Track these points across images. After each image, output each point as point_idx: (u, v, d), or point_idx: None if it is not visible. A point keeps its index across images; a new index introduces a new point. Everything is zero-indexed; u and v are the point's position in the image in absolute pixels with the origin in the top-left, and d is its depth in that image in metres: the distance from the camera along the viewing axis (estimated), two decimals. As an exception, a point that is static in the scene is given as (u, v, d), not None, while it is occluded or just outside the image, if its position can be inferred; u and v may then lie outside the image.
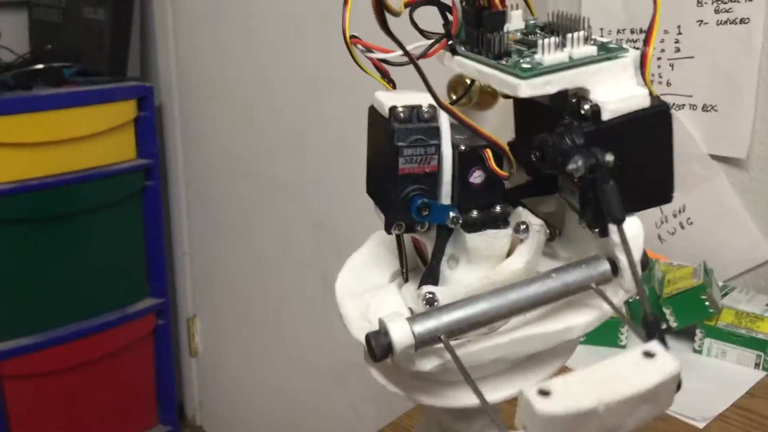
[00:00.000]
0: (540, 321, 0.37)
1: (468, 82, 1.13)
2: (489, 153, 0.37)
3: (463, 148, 0.37)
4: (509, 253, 0.39)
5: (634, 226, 0.35)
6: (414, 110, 0.36)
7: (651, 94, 0.34)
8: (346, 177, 1.30)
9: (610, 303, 0.35)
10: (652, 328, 0.31)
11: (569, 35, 0.35)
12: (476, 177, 0.37)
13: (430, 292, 0.37)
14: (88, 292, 1.52)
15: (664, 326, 0.76)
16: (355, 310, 0.39)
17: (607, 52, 0.35)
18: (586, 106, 0.34)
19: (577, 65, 0.35)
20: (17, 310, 1.42)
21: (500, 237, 0.38)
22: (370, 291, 0.40)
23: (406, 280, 0.41)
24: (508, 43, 0.36)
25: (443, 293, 0.37)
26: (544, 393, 0.26)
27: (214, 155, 1.58)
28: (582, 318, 0.36)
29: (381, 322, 0.33)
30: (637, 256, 0.34)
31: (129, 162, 1.53)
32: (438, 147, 0.36)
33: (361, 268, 0.42)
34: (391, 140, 0.36)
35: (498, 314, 0.34)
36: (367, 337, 0.33)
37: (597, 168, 0.32)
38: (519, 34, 0.38)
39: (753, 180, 0.90)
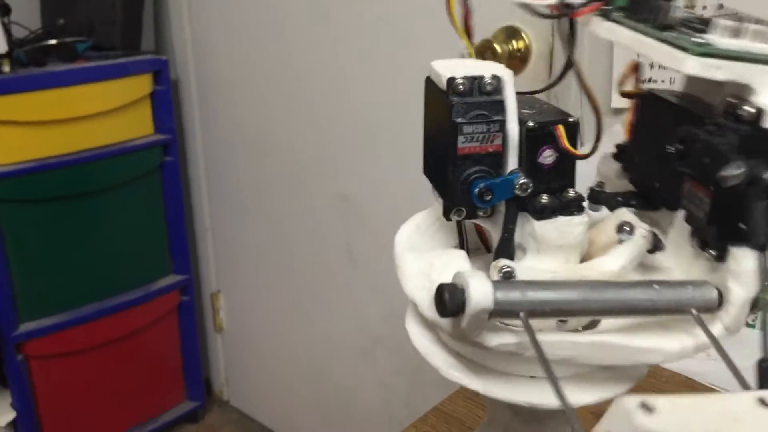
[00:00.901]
0: (626, 332, 0.33)
1: (497, 47, 1.08)
2: (561, 129, 0.33)
3: (531, 124, 0.33)
4: (592, 252, 0.35)
5: (756, 260, 0.31)
6: (475, 81, 0.32)
7: None
8: (370, 148, 1.27)
9: (711, 336, 0.31)
10: (764, 372, 0.28)
11: (746, 25, 0.31)
12: (546, 157, 0.33)
13: (507, 266, 0.33)
14: (112, 270, 1.50)
15: None
16: (415, 266, 0.35)
17: None
18: (748, 108, 0.30)
19: (750, 59, 0.30)
20: (40, 290, 1.40)
21: (574, 225, 0.34)
22: (436, 252, 0.37)
23: None
24: (673, 18, 0.33)
25: (524, 270, 0.34)
26: (647, 408, 0.23)
27: (234, 129, 1.55)
28: (672, 343, 0.32)
29: (460, 276, 0.30)
30: (754, 291, 0.31)
31: (147, 137, 1.49)
32: (503, 123, 0.32)
33: (428, 228, 0.39)
34: (449, 116, 0.33)
35: (587, 308, 0.30)
36: (441, 288, 0.30)
37: (756, 182, 0.28)
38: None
39: None
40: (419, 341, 0.37)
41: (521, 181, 0.32)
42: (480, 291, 0.29)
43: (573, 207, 0.34)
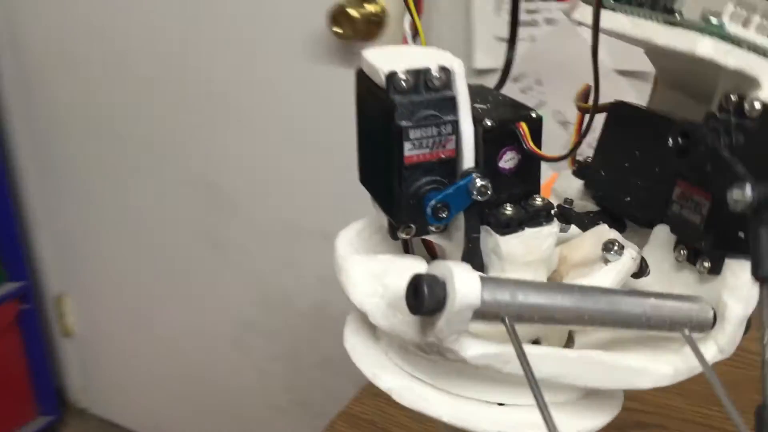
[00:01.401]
0: (615, 350, 0.30)
1: (351, 12, 1.03)
2: (525, 127, 0.28)
3: (489, 123, 0.28)
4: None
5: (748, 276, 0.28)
6: (420, 75, 0.27)
7: None
8: (236, 130, 1.18)
9: (704, 362, 0.27)
10: (762, 422, 0.25)
11: (756, 17, 0.28)
12: (508, 160, 0.29)
13: (482, 276, 0.29)
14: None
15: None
16: (363, 270, 0.30)
17: None
18: (756, 103, 0.26)
19: (759, 51, 0.27)
20: None
21: (543, 237, 0.29)
22: (388, 256, 0.32)
23: None
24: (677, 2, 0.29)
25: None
26: None
27: (71, 115, 1.39)
28: (664, 367, 0.29)
29: (440, 266, 0.25)
30: (751, 307, 0.28)
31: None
32: (455, 124, 0.27)
33: (371, 237, 0.34)
34: (391, 118, 0.27)
35: (580, 317, 0.27)
36: (417, 279, 0.24)
37: (765, 207, 0.25)
38: None
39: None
40: (363, 360, 0.32)
41: (479, 184, 0.27)
42: (467, 284, 0.24)
43: (541, 216, 0.29)
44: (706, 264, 0.28)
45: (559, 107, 0.96)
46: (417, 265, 0.30)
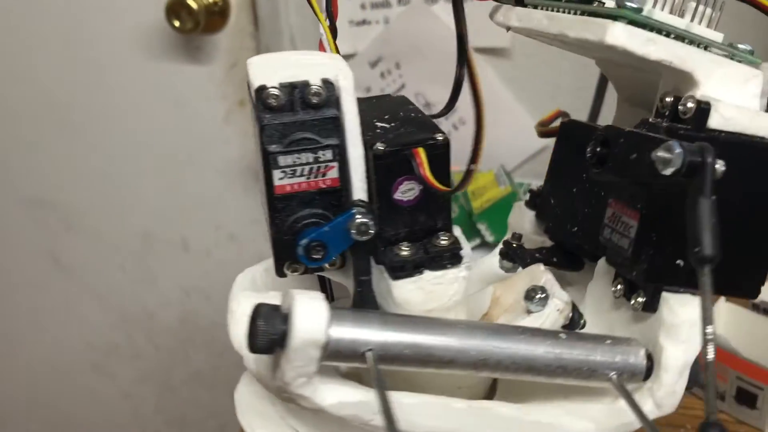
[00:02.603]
0: (537, 400, 0.26)
1: (191, 3, 0.95)
2: (422, 154, 0.24)
3: (380, 147, 0.24)
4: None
5: (697, 309, 0.24)
6: (296, 90, 0.22)
7: None
8: (69, 138, 1.06)
9: (637, 409, 0.23)
10: None
11: (692, 4, 0.24)
12: (406, 191, 0.25)
13: (337, 307, 0.25)
14: None
15: (479, 241, 0.72)
16: (249, 308, 0.26)
17: (735, 50, 0.25)
18: (689, 104, 0.23)
19: (694, 41, 0.24)
20: None
21: (447, 282, 0.25)
22: (286, 291, 0.27)
23: None
24: None
25: None
26: None
27: None
28: (580, 423, 0.25)
29: (289, 296, 0.22)
30: (693, 352, 0.24)
31: None
32: (338, 149, 0.23)
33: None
34: (260, 141, 0.23)
35: (463, 358, 0.23)
36: (256, 309, 0.21)
37: (696, 170, 0.21)
38: None
39: (517, 67, 0.88)
40: (246, 411, 0.28)
41: (358, 221, 0.23)
42: (310, 316, 0.21)
43: (445, 258, 0.25)
44: (640, 299, 0.25)
45: (420, 89, 0.93)
46: (312, 304, 0.25)
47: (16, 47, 1.05)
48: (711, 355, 0.20)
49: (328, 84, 0.23)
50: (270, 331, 0.21)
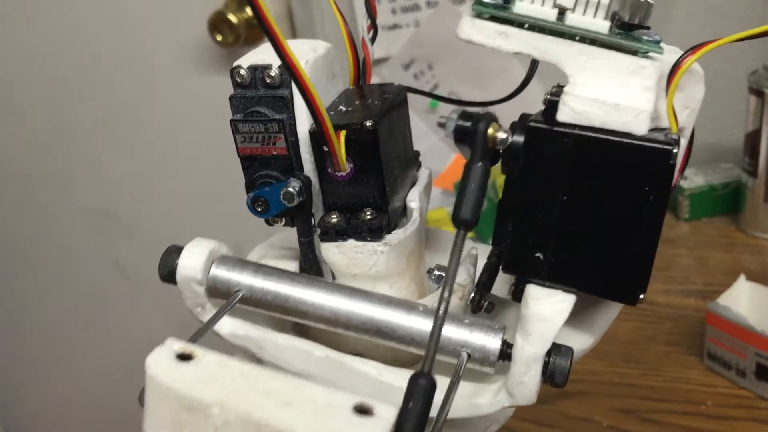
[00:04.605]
0: (384, 362, 0.28)
1: (231, 17, 1.00)
2: (340, 137, 0.27)
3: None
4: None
5: (556, 304, 0.24)
6: (257, 71, 0.28)
7: (667, 127, 0.24)
8: (127, 153, 1.13)
9: (452, 387, 0.24)
10: (410, 391, 0.20)
11: None
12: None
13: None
14: None
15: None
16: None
17: (626, 40, 0.24)
18: (547, 96, 0.24)
19: (564, 34, 0.24)
20: None
21: (366, 253, 0.29)
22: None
23: None
24: None
25: None
26: (184, 357, 0.21)
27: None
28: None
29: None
30: (541, 346, 0.24)
31: None
32: (284, 123, 0.28)
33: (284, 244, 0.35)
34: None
35: (319, 311, 0.27)
36: (167, 249, 0.28)
37: (467, 134, 0.22)
38: None
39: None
40: None
41: (286, 189, 0.28)
42: (191, 258, 0.27)
43: (364, 231, 0.28)
44: (511, 288, 0.26)
45: (453, 88, 0.96)
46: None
47: (75, 71, 1.12)
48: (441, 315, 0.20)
49: (285, 68, 0.27)
50: (167, 263, 0.28)
